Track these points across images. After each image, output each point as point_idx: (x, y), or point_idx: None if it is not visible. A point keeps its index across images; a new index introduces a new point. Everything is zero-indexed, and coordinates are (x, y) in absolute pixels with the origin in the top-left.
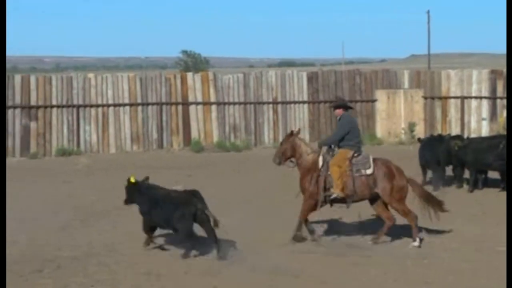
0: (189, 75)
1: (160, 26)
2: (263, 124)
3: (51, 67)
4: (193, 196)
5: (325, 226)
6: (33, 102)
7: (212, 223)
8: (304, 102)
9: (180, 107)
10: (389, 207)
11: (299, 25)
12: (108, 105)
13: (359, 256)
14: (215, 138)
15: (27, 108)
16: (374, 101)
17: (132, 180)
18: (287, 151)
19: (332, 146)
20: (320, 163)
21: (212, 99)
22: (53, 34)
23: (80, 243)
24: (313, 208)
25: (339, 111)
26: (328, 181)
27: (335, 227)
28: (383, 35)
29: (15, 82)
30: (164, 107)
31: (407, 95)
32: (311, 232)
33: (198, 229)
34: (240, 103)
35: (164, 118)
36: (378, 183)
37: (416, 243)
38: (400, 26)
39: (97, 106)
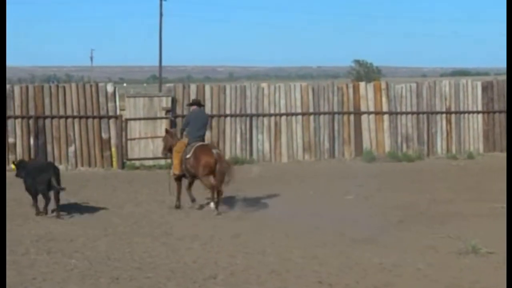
0: (362, 84)
1: (332, 35)
2: (436, 134)
3: (224, 76)
4: (50, 167)
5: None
6: (207, 111)
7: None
8: (478, 112)
9: (352, 117)
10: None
11: (472, 34)
12: (281, 114)
13: None
14: (387, 148)
15: None
16: None
17: (13, 166)
18: (166, 144)
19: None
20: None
21: (385, 108)
22: (226, 44)
23: (252, 251)
24: (179, 181)
25: (193, 108)
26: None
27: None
28: None
29: (190, 91)
30: (336, 116)
31: None
32: (177, 203)
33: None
34: (412, 113)
35: (336, 127)
36: (192, 163)
37: (212, 206)
38: None
39: (270, 115)
